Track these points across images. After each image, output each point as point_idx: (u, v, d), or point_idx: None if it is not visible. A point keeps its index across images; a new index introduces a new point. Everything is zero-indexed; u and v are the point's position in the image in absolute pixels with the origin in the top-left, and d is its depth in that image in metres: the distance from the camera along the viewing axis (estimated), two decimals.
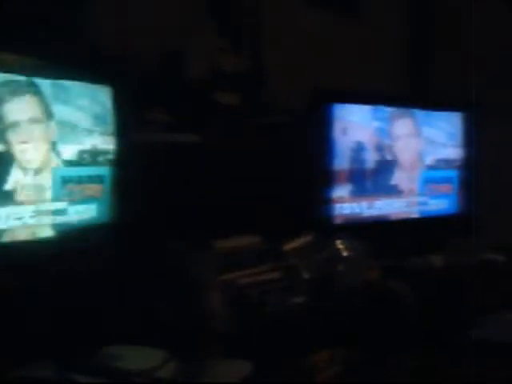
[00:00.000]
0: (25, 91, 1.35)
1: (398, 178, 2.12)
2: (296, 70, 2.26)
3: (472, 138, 2.30)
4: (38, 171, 1.39)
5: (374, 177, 2.06)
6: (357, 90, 2.10)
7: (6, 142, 1.31)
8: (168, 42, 1.92)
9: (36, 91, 1.38)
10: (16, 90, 1.33)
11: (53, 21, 1.60)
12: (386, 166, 2.09)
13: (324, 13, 2.50)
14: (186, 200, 1.76)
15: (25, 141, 1.35)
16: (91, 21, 1.70)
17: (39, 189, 1.39)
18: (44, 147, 1.41)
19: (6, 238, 1.32)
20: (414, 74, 2.87)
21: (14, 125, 1.33)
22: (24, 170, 1.35)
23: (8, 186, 1.32)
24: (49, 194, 1.41)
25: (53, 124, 1.41)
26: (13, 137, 1.32)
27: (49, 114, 1.40)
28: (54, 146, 1.42)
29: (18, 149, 1.34)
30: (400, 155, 2.12)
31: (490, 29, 2.72)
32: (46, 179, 1.41)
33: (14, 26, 1.49)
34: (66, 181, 1.45)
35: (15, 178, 1.33)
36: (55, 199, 1.43)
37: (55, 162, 1.43)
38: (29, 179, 1.37)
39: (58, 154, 1.43)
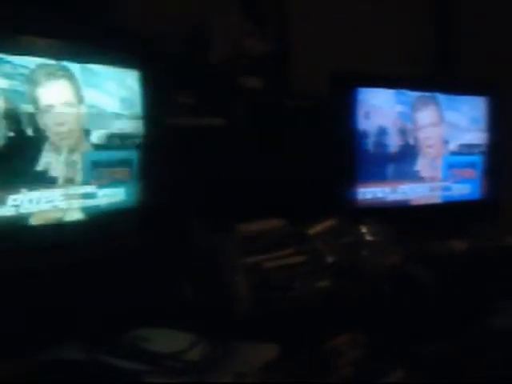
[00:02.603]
0: (58, 75, 1.37)
1: (422, 163, 2.12)
2: (321, 53, 2.25)
3: (496, 123, 2.29)
4: (69, 154, 1.40)
5: (398, 162, 2.06)
6: (381, 74, 2.09)
7: (39, 125, 1.33)
8: (194, 25, 1.93)
9: (68, 75, 1.39)
10: (49, 74, 1.35)
11: (80, 4, 1.61)
12: (410, 151, 2.09)
13: None
14: (212, 183, 1.77)
15: (58, 124, 1.37)
16: (118, 4, 1.70)
17: (70, 172, 1.41)
18: (76, 131, 1.42)
19: (37, 221, 1.35)
20: (437, 58, 2.85)
21: (48, 108, 1.35)
22: (56, 153, 1.37)
23: (40, 169, 1.34)
24: (79, 177, 1.43)
25: (84, 107, 1.43)
26: (46, 120, 1.34)
27: (80, 98, 1.42)
28: (84, 129, 1.44)
29: (51, 132, 1.35)
30: (424, 140, 2.12)
31: None
32: (77, 162, 1.43)
33: (43, 9, 1.50)
34: (95, 164, 1.46)
35: (47, 161, 1.35)
36: (85, 182, 1.45)
37: (85, 145, 1.45)
38: (61, 162, 1.38)
39: (87, 137, 1.45)
